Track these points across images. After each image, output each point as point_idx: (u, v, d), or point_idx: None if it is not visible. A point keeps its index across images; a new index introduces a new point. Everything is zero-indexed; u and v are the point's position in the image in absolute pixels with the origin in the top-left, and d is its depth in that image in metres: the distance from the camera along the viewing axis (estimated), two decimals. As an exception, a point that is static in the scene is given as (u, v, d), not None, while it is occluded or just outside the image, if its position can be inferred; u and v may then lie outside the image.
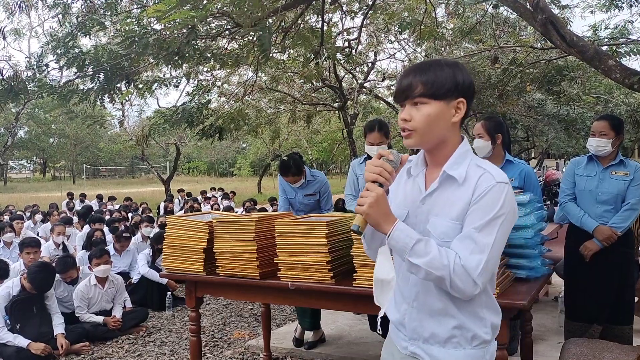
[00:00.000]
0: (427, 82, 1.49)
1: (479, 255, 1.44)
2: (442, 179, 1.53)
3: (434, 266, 1.44)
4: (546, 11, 3.74)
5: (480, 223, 1.45)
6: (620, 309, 3.56)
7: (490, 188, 1.46)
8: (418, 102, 1.50)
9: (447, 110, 1.50)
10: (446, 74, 1.50)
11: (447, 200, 1.52)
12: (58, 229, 7.08)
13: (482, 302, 1.56)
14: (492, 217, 1.45)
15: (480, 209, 1.46)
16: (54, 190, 29.55)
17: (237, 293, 3.24)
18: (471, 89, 1.54)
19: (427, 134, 1.51)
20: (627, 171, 3.47)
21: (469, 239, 1.45)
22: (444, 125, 1.51)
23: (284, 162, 4.31)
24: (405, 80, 1.52)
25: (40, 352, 4.35)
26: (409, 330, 1.63)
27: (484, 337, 1.56)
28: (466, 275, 1.43)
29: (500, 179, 1.47)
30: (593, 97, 11.26)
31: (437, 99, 1.49)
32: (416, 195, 1.60)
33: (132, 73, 5.07)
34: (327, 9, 6.28)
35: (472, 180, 1.49)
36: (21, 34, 17.63)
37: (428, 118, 1.49)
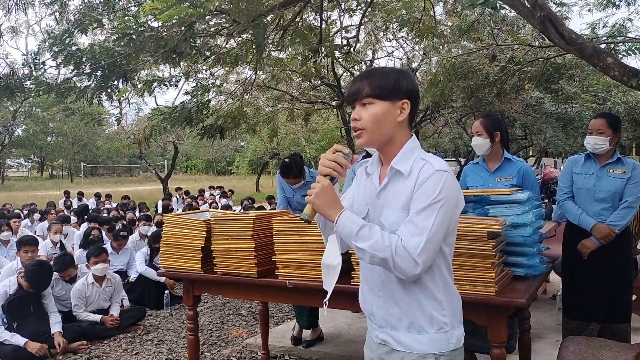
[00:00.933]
0: (372, 84, 1.65)
1: (419, 237, 1.54)
2: (391, 174, 1.68)
3: (377, 248, 1.55)
4: (545, 9, 3.73)
5: (420, 207, 1.56)
6: (618, 307, 3.56)
7: (430, 176, 1.58)
8: (366, 102, 1.66)
9: (392, 109, 1.65)
10: (390, 77, 1.66)
11: (396, 193, 1.65)
12: (55, 227, 7.07)
13: (438, 286, 1.66)
14: (431, 201, 1.56)
15: (421, 195, 1.58)
16: (52, 189, 29.52)
17: (235, 291, 3.23)
18: (415, 92, 1.69)
19: (375, 131, 1.66)
20: (625, 169, 3.47)
21: (410, 222, 1.57)
22: (390, 124, 1.66)
23: (285, 163, 4.29)
24: (355, 85, 1.69)
25: (37, 351, 4.35)
26: (378, 319, 1.74)
27: (443, 319, 1.66)
28: (407, 255, 1.53)
29: (439, 167, 1.59)
30: (591, 96, 11.26)
31: (383, 99, 1.64)
32: (373, 191, 1.74)
33: (129, 71, 5.05)
34: (325, 6, 6.26)
35: (415, 172, 1.62)
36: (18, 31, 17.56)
37: (375, 117, 1.64)
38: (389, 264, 1.55)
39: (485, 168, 3.46)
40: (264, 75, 10.91)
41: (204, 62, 6.25)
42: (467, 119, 14.48)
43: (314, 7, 6.13)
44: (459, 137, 18.04)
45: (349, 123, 13.05)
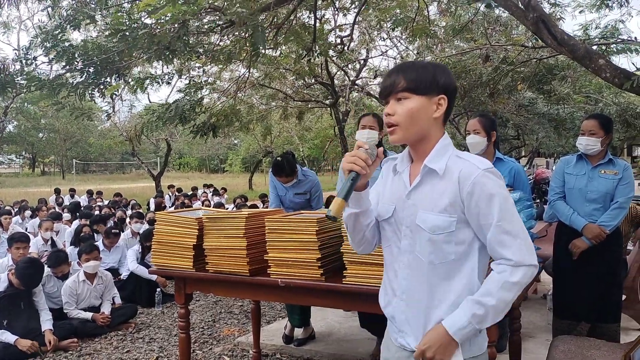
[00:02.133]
0: (409, 78, 1.57)
1: (518, 240, 1.52)
2: (424, 172, 1.60)
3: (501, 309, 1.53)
4: (537, 10, 3.75)
5: (498, 214, 1.52)
6: (608, 307, 3.58)
7: (477, 177, 1.52)
8: (401, 97, 1.57)
9: (428, 105, 1.57)
10: (427, 71, 1.58)
11: (431, 194, 1.58)
12: (46, 224, 7.03)
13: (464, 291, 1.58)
14: (502, 202, 1.52)
15: (482, 201, 1.52)
16: (43, 186, 29.35)
17: (227, 290, 3.22)
18: (452, 88, 1.62)
19: (410, 127, 1.58)
20: (616, 170, 3.49)
21: (501, 234, 1.52)
22: (425, 120, 1.58)
23: (277, 162, 4.27)
24: (389, 79, 1.60)
25: (27, 349, 4.32)
26: (398, 323, 1.68)
27: None
28: (525, 268, 1.52)
29: (483, 165, 1.54)
30: (583, 97, 11.33)
31: (419, 93, 1.56)
32: (402, 190, 1.65)
33: (122, 68, 5.03)
34: (319, 5, 6.26)
35: (454, 172, 1.55)
36: (10, 27, 17.46)
37: (410, 112, 1.56)
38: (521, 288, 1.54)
39: (477, 168, 3.46)
40: (258, 74, 10.90)
41: (197, 60, 6.23)
42: (460, 118, 14.53)
43: (308, 6, 6.12)
44: (451, 137, 18.08)
45: (342, 122, 13.07)
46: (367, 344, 4.23)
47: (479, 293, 1.54)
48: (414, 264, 1.62)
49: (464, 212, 1.55)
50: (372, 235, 1.75)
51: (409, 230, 1.62)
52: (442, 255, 1.57)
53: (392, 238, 1.69)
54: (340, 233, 2.76)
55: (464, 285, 1.58)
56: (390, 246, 1.70)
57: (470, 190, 1.52)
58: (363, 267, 2.58)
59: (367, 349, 4.13)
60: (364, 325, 3.98)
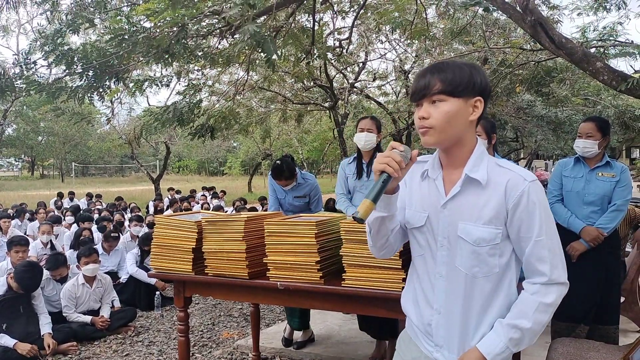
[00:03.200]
0: (445, 79, 1.49)
1: (555, 257, 1.50)
2: (464, 182, 1.53)
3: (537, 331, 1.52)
4: (535, 13, 3.77)
5: (539, 229, 1.49)
6: (607, 309, 3.59)
7: (526, 190, 1.48)
8: (436, 99, 1.50)
9: (465, 108, 1.50)
10: (464, 72, 1.51)
11: (474, 205, 1.52)
12: (44, 228, 7.02)
13: (504, 304, 1.57)
14: (543, 217, 1.48)
15: (529, 213, 1.48)
16: (42, 189, 29.32)
17: (226, 293, 3.22)
18: (488, 90, 1.55)
19: (446, 131, 1.50)
20: (614, 172, 3.50)
21: (541, 249, 1.49)
22: (461, 123, 1.51)
23: (277, 166, 4.27)
24: (423, 80, 1.52)
25: (26, 352, 4.32)
26: (436, 337, 1.62)
27: None
28: (558, 286, 1.52)
29: (529, 177, 1.50)
30: (581, 99, 11.35)
31: (456, 96, 1.49)
32: (435, 199, 1.59)
33: (121, 71, 5.04)
34: (318, 8, 6.27)
35: (499, 182, 1.50)
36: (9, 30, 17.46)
37: (447, 115, 1.49)
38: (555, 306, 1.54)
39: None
40: (257, 76, 10.91)
41: (196, 63, 6.24)
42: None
43: (306, 9, 6.14)
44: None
45: (341, 124, 13.08)
46: (366, 347, 4.23)
47: (513, 315, 1.51)
48: (452, 276, 1.57)
49: (506, 224, 1.51)
50: (395, 240, 1.70)
51: (446, 241, 1.56)
52: (487, 268, 1.54)
53: (426, 248, 1.63)
54: (339, 236, 2.77)
55: (504, 297, 1.56)
56: (423, 255, 1.64)
57: (516, 202, 1.48)
58: (362, 269, 2.58)
59: (367, 352, 4.13)
60: (363, 328, 3.98)
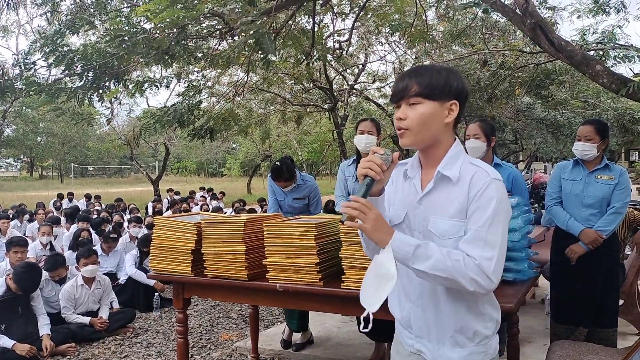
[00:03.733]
0: (422, 83, 1.55)
1: (491, 252, 1.49)
2: (437, 179, 1.59)
3: (438, 268, 1.48)
4: (535, 16, 3.77)
5: (484, 221, 1.50)
6: (605, 312, 3.59)
7: (487, 185, 1.52)
8: (413, 101, 1.56)
9: (440, 110, 1.56)
10: (441, 76, 1.57)
11: (444, 200, 1.57)
12: (44, 229, 7.01)
13: (483, 299, 1.62)
14: (495, 214, 1.50)
15: (481, 207, 1.51)
16: (41, 189, 29.28)
17: (225, 294, 3.22)
18: (464, 94, 1.61)
19: (421, 132, 1.57)
20: (612, 175, 3.50)
21: (477, 238, 1.50)
22: (437, 125, 1.57)
23: (276, 167, 4.27)
24: (402, 82, 1.59)
25: (25, 353, 4.31)
26: (415, 329, 1.68)
27: (485, 332, 1.63)
28: (481, 274, 1.47)
29: (494, 175, 1.54)
30: (581, 102, 11.37)
31: (431, 99, 1.55)
32: (413, 196, 1.65)
33: (121, 72, 5.04)
34: (318, 10, 6.28)
35: (466, 178, 1.55)
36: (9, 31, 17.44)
37: (422, 117, 1.55)
38: (457, 282, 1.48)
39: (476, 173, 3.48)
40: (257, 78, 10.92)
41: (196, 64, 6.24)
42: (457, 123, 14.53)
43: (306, 11, 6.15)
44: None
45: (340, 126, 13.10)
46: (365, 349, 4.23)
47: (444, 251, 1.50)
48: None
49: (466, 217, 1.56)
50: None
51: (421, 235, 1.62)
52: None
53: None
54: (339, 238, 2.77)
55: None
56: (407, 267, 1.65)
57: (475, 195, 1.52)
58: (361, 272, 2.58)
59: (366, 354, 4.13)
60: (362, 330, 3.98)
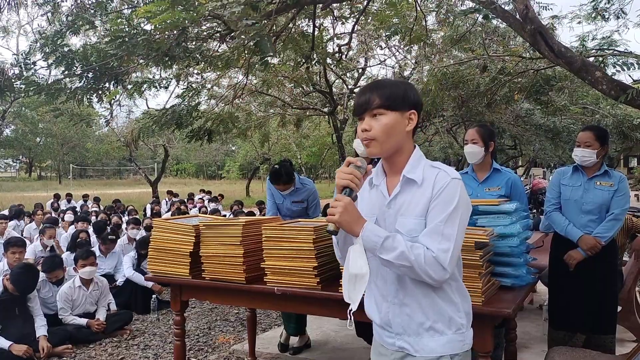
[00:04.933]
0: (383, 95, 1.68)
1: (447, 244, 1.60)
2: (403, 182, 1.71)
3: (403, 258, 1.59)
4: (535, 22, 3.78)
5: (443, 216, 1.62)
6: (603, 318, 3.58)
7: (447, 184, 1.64)
8: (376, 112, 1.69)
9: (401, 120, 1.70)
10: (400, 89, 1.71)
11: (411, 201, 1.69)
12: (49, 232, 6.95)
13: (452, 288, 1.72)
14: (453, 209, 1.62)
15: (441, 203, 1.63)
16: (40, 190, 29.24)
17: (223, 297, 3.22)
18: (420, 104, 1.75)
19: (387, 141, 1.69)
20: (612, 182, 3.50)
21: (435, 232, 1.62)
22: (400, 134, 1.70)
23: (275, 170, 4.27)
24: (364, 96, 1.71)
25: (22, 354, 4.30)
26: (395, 326, 1.76)
27: (459, 321, 1.72)
28: (437, 265, 1.59)
29: (453, 175, 1.66)
30: (580, 108, 11.37)
31: (393, 109, 1.68)
32: (381, 201, 1.76)
33: (121, 73, 5.03)
34: (318, 13, 6.29)
35: (430, 180, 1.67)
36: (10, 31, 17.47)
37: (386, 126, 1.68)
38: (417, 273, 1.60)
39: (474, 178, 3.48)
40: (256, 80, 10.93)
41: (196, 66, 6.25)
42: (457, 128, 14.58)
43: (307, 14, 6.15)
44: (449, 146, 18.16)
45: (340, 129, 13.10)
46: (362, 353, 4.22)
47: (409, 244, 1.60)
48: None
49: None
50: None
51: None
52: None
53: None
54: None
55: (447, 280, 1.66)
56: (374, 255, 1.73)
57: (436, 193, 1.64)
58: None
59: (363, 358, 4.12)
60: (359, 334, 3.97)
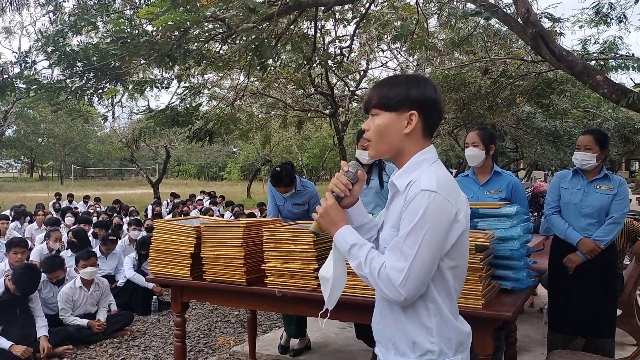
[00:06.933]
0: (380, 94, 1.60)
1: (403, 263, 1.46)
2: (392, 189, 1.63)
3: (360, 269, 1.54)
4: (536, 25, 3.79)
5: (405, 232, 1.47)
6: (603, 322, 3.58)
7: (415, 196, 1.47)
8: (373, 113, 1.61)
9: (397, 121, 1.57)
10: (400, 87, 1.58)
11: (393, 209, 1.60)
12: (55, 235, 6.92)
13: (429, 310, 1.55)
14: (415, 225, 1.45)
15: (406, 217, 1.48)
16: (41, 191, 29.26)
17: (224, 299, 3.22)
18: (427, 102, 1.58)
19: (379, 143, 1.60)
20: (611, 185, 3.51)
21: (395, 247, 1.49)
22: (395, 136, 1.58)
23: (276, 172, 4.28)
24: (368, 95, 1.66)
25: (22, 354, 4.30)
26: (375, 333, 1.72)
27: (429, 346, 1.55)
28: (390, 284, 1.48)
29: (426, 186, 1.47)
30: (582, 111, 11.37)
31: (387, 110, 1.58)
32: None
33: (122, 73, 5.05)
34: (320, 16, 6.30)
35: (408, 188, 1.53)
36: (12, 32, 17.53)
37: (378, 128, 1.59)
38: (374, 286, 1.54)
39: (475, 181, 3.49)
40: (258, 82, 10.95)
41: (197, 67, 6.25)
42: (458, 130, 14.57)
43: (308, 16, 6.16)
44: (450, 149, 18.15)
45: (341, 132, 13.11)
46: (363, 355, 4.22)
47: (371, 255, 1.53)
48: None
49: None
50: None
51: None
52: None
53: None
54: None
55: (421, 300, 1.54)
56: None
57: (404, 205, 1.50)
58: (360, 278, 2.58)
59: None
60: (359, 336, 3.97)
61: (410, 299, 1.49)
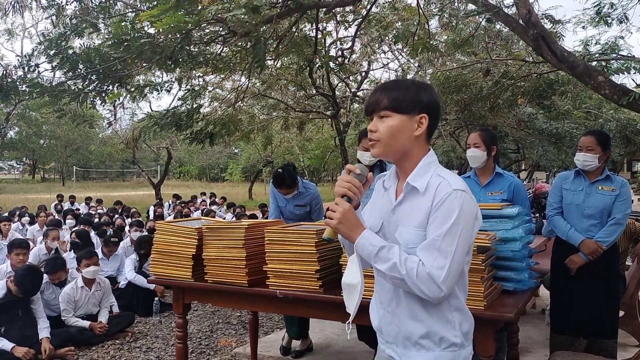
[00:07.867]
0: (391, 97, 1.63)
1: (443, 261, 1.52)
2: (407, 190, 1.65)
3: (395, 271, 1.54)
4: (538, 26, 3.79)
5: (442, 231, 1.53)
6: (605, 323, 3.58)
7: (447, 195, 1.55)
8: (383, 114, 1.64)
9: (409, 123, 1.63)
10: (410, 91, 1.64)
11: (412, 210, 1.62)
12: (53, 234, 6.93)
13: (451, 306, 1.63)
14: (452, 224, 1.53)
15: (440, 216, 1.55)
16: (43, 192, 29.32)
17: (225, 300, 3.22)
18: (434, 106, 1.66)
19: (390, 144, 1.64)
20: (614, 186, 3.50)
21: (432, 247, 1.54)
22: (406, 138, 1.64)
23: (278, 174, 4.28)
24: (374, 96, 1.67)
25: (24, 356, 4.31)
26: (386, 334, 1.73)
27: (453, 340, 1.63)
28: (431, 282, 1.52)
29: (456, 186, 1.56)
30: (583, 112, 11.36)
31: (400, 112, 1.62)
32: (388, 206, 1.72)
33: (124, 76, 5.06)
34: (321, 18, 6.31)
35: (432, 189, 1.59)
36: (14, 34, 17.57)
37: (391, 129, 1.62)
38: (409, 286, 1.54)
39: (477, 182, 3.48)
40: (259, 84, 10.96)
41: (198, 69, 6.27)
42: (460, 131, 14.56)
43: (309, 18, 6.17)
44: (451, 150, 18.13)
45: (342, 133, 13.11)
46: (365, 357, 4.22)
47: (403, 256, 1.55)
48: None
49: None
50: None
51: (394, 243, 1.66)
52: None
53: None
54: (340, 245, 2.77)
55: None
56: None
57: (437, 204, 1.56)
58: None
59: (365, 362, 4.12)
60: (362, 337, 3.97)
61: (447, 294, 1.56)
